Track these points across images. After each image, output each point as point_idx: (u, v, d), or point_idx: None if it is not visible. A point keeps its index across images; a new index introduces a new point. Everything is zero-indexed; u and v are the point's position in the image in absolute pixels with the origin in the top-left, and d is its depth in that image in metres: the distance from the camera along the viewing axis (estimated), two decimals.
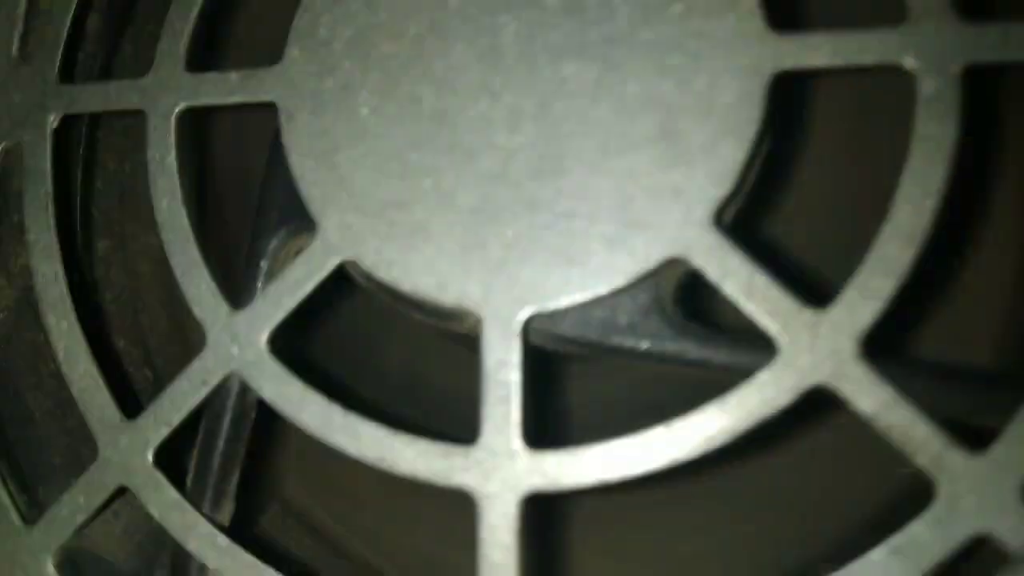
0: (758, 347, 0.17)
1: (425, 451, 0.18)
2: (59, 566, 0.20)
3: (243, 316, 0.20)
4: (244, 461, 0.21)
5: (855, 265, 0.17)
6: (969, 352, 0.23)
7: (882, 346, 0.17)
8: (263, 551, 0.19)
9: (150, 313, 0.25)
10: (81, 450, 0.21)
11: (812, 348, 0.17)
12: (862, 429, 0.17)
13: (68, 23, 0.23)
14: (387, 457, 0.18)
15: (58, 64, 0.23)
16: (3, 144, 0.23)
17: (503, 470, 0.18)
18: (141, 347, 0.25)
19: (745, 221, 0.19)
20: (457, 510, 0.18)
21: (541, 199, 0.19)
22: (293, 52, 0.21)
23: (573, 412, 0.25)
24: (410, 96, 0.20)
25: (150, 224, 0.22)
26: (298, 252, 0.20)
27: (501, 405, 0.18)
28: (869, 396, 0.16)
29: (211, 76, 0.21)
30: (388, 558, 0.24)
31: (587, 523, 0.24)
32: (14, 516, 0.21)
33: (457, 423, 0.19)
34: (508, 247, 0.19)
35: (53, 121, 0.23)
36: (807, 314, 0.17)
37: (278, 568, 0.19)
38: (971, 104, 0.17)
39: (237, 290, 0.21)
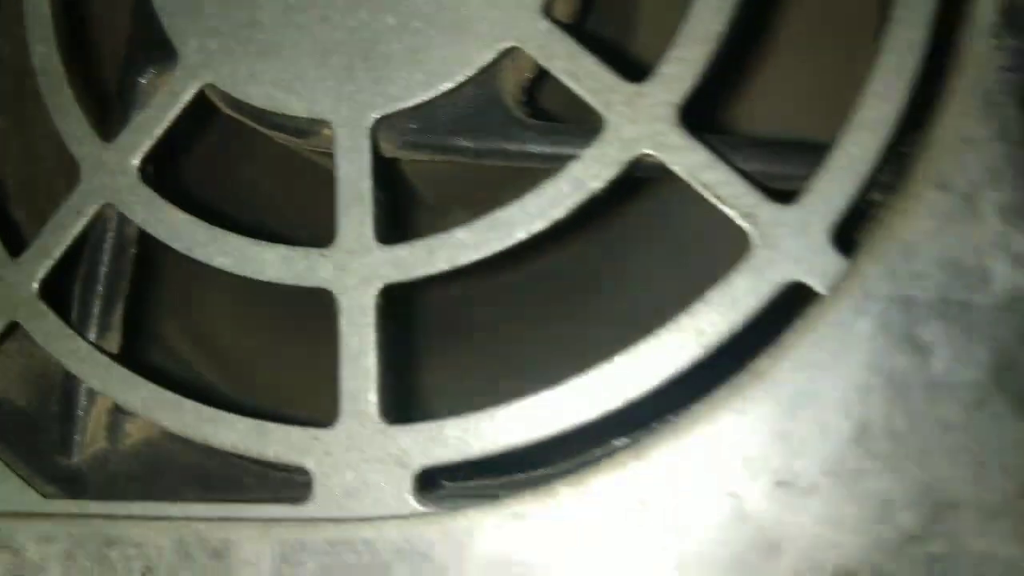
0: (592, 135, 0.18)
1: (286, 256, 0.19)
2: None
3: (114, 147, 0.21)
4: (128, 295, 0.22)
5: None
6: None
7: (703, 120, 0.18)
8: (147, 371, 0.20)
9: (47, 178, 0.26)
10: None
11: (635, 120, 0.17)
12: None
13: None
14: (252, 266, 0.19)
15: None
16: None
17: (359, 266, 0.19)
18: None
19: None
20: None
21: (383, 7, 0.19)
22: None
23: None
24: None
25: None
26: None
27: (355, 206, 0.19)
28: (686, 159, 0.17)
29: None
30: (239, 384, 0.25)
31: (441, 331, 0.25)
32: None
33: (317, 238, 0.19)
34: (353, 55, 0.19)
35: None
36: (629, 89, 0.18)
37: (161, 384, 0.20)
38: None
39: (110, 125, 0.21)
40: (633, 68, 0.18)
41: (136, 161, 0.21)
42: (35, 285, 0.21)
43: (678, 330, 0.17)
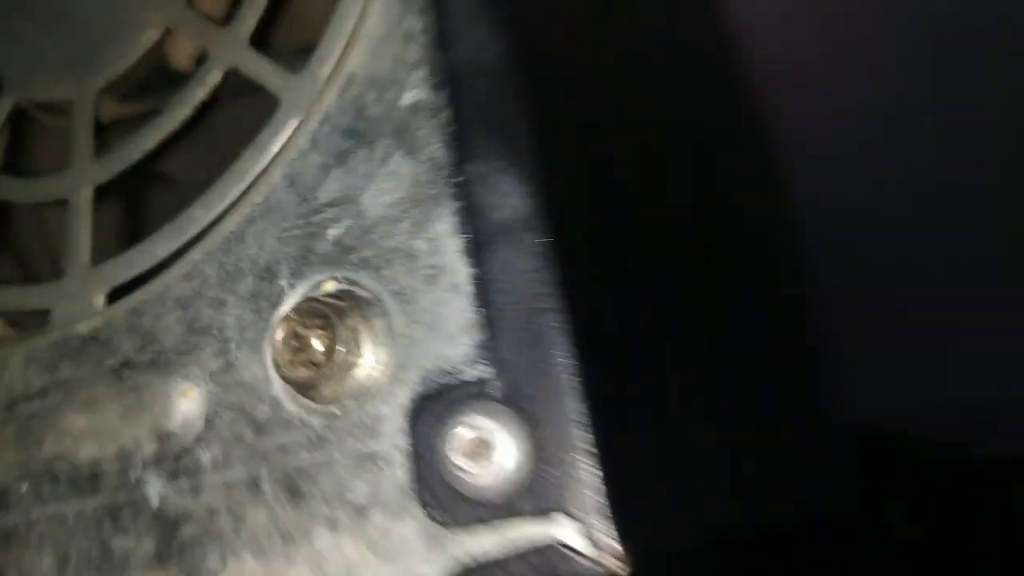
0: None
1: (44, 181, 0.31)
2: None
3: None
4: None
5: None
6: None
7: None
8: None
9: None
10: None
11: (225, 47, 0.29)
12: None
13: None
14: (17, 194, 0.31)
15: None
16: None
17: (83, 176, 0.30)
18: None
19: None
20: None
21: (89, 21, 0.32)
22: None
23: None
24: None
25: None
26: None
27: (83, 142, 0.31)
28: (255, 66, 0.28)
29: None
30: None
31: None
32: None
33: None
34: (85, 57, 0.32)
35: None
36: (221, 30, 0.29)
37: None
38: None
39: None
40: None
41: None
42: None
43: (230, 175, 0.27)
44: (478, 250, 0.23)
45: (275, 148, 0.27)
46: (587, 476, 0.21)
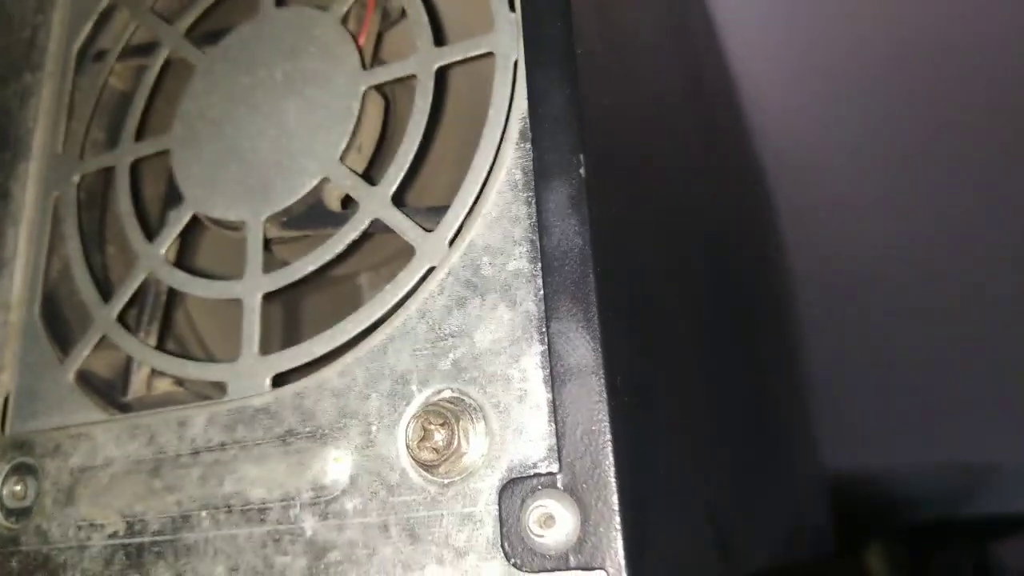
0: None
1: (221, 284, 0.44)
2: (76, 379, 0.46)
3: (154, 245, 0.46)
4: (162, 318, 0.47)
5: None
6: None
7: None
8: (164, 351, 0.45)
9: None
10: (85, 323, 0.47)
11: (373, 203, 0.42)
12: None
13: (83, 134, 0.52)
14: (200, 289, 0.44)
15: (78, 152, 0.51)
16: (56, 194, 0.51)
17: (255, 285, 0.43)
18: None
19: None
20: None
21: (267, 161, 0.44)
22: (176, 123, 0.48)
23: None
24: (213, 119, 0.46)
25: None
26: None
27: (254, 259, 0.43)
28: (394, 220, 0.41)
29: (143, 143, 0.49)
30: None
31: None
32: (57, 360, 0.47)
33: None
34: (254, 186, 0.44)
35: (76, 179, 0.51)
36: (371, 188, 0.42)
37: None
38: None
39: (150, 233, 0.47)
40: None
41: (162, 251, 0.46)
42: (114, 315, 0.46)
43: (376, 302, 0.40)
44: (554, 383, 0.36)
45: (410, 286, 0.39)
46: (618, 545, 0.33)
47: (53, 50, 0.56)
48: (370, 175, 0.44)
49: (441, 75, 0.42)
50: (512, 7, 0.41)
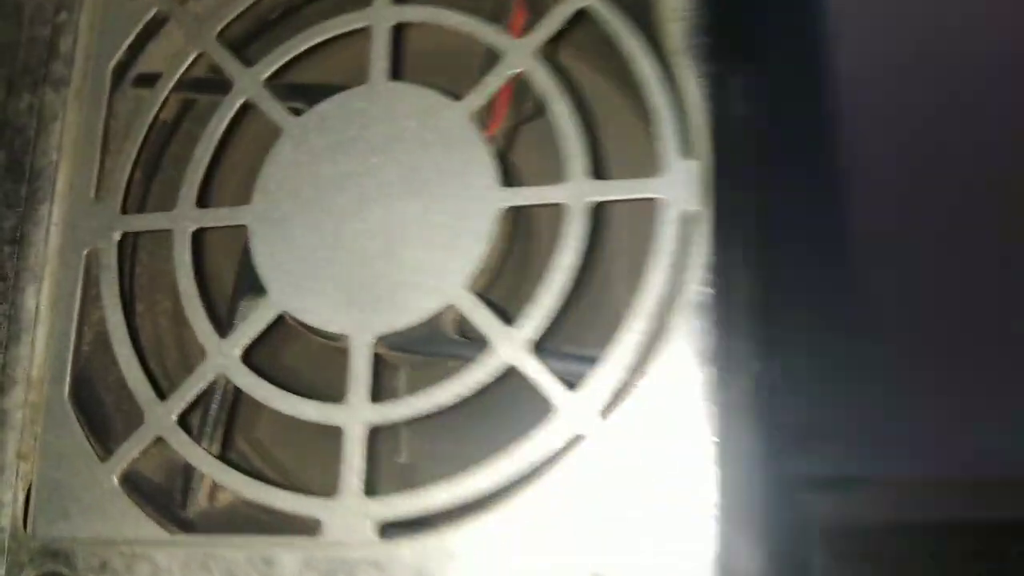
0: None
1: (320, 407, 0.40)
2: (122, 482, 0.41)
3: (226, 342, 0.42)
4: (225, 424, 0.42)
5: None
6: None
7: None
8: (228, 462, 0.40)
9: (167, 346, 0.47)
10: (132, 420, 0.43)
11: (507, 346, 0.38)
12: None
13: (124, 180, 0.46)
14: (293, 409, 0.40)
15: (119, 202, 0.45)
16: (88, 249, 0.45)
17: (359, 414, 0.39)
18: (162, 366, 0.46)
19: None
20: None
21: (385, 272, 0.40)
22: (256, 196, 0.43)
23: None
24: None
25: (168, 293, 0.44)
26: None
27: (359, 382, 0.40)
28: (532, 371, 0.38)
29: (211, 211, 0.44)
30: None
31: None
32: (95, 455, 0.42)
33: None
34: (366, 298, 0.40)
35: (117, 236, 0.45)
36: (505, 328, 0.39)
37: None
38: None
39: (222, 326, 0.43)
40: None
41: (238, 351, 0.42)
42: (175, 417, 0.41)
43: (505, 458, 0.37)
44: None
45: (551, 451, 0.37)
46: None
47: (80, 63, 0.49)
48: (493, 300, 0.41)
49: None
50: (686, 154, 0.38)
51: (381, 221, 0.41)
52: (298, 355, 0.46)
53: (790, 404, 0.36)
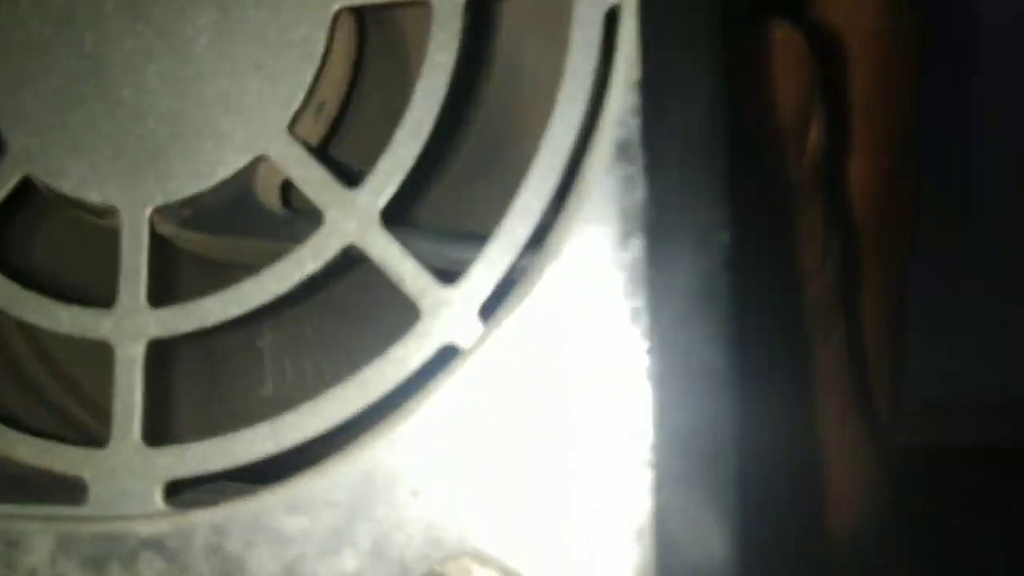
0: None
1: (77, 314, 0.28)
2: None
3: None
4: None
5: None
6: None
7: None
8: None
9: None
10: None
11: (347, 219, 0.26)
12: None
13: None
14: (50, 320, 0.28)
15: None
16: None
17: (131, 324, 0.27)
18: None
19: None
20: None
21: (166, 121, 0.28)
22: None
23: None
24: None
25: None
26: None
27: (132, 276, 0.27)
28: (383, 252, 0.26)
29: None
30: None
31: None
32: None
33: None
34: (140, 156, 0.28)
35: None
36: (345, 193, 0.26)
37: None
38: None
39: None
40: None
41: None
42: None
43: (355, 384, 0.25)
44: None
45: (411, 369, 0.25)
46: None
47: None
48: (332, 156, 0.29)
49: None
50: None
51: (162, 40, 0.28)
52: (81, 242, 0.34)
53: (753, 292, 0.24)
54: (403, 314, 0.27)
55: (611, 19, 0.25)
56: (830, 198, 0.37)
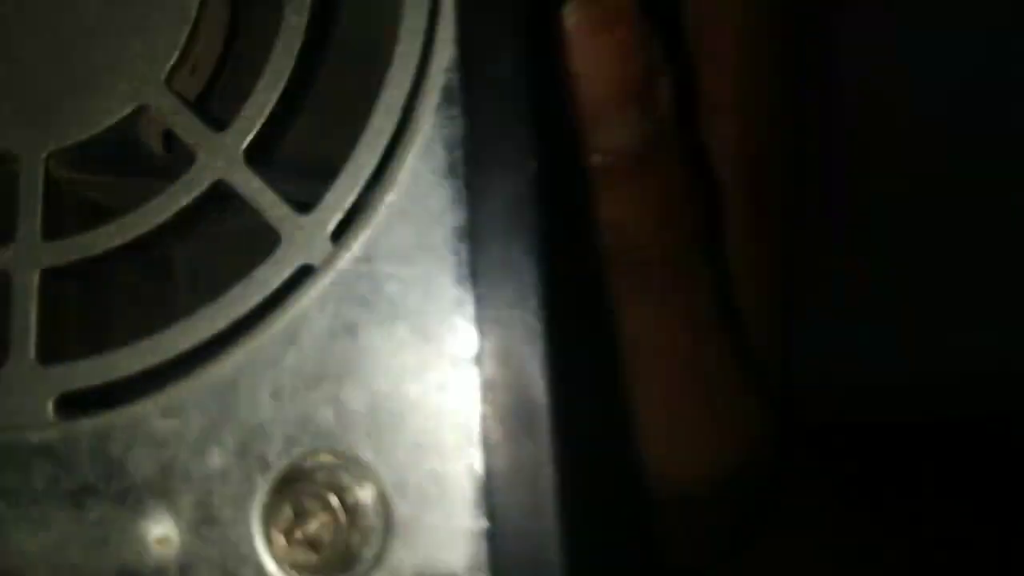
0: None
1: None
2: None
3: None
4: None
5: None
6: None
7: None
8: None
9: None
10: None
11: (215, 156, 0.30)
12: None
13: None
14: None
15: None
16: None
17: (28, 255, 0.30)
18: None
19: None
20: None
21: (59, 73, 0.31)
22: None
23: None
24: None
25: None
26: None
27: (30, 213, 0.31)
28: (247, 186, 0.29)
29: None
30: None
31: None
32: None
33: None
34: (36, 105, 0.31)
35: None
36: (214, 136, 0.30)
37: None
38: None
39: None
40: None
41: None
42: None
43: (223, 302, 0.29)
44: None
45: (272, 288, 0.29)
46: None
47: None
48: (208, 108, 0.32)
49: None
50: None
51: (56, 4, 0.32)
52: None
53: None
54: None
55: None
56: (691, 156, 0.40)
